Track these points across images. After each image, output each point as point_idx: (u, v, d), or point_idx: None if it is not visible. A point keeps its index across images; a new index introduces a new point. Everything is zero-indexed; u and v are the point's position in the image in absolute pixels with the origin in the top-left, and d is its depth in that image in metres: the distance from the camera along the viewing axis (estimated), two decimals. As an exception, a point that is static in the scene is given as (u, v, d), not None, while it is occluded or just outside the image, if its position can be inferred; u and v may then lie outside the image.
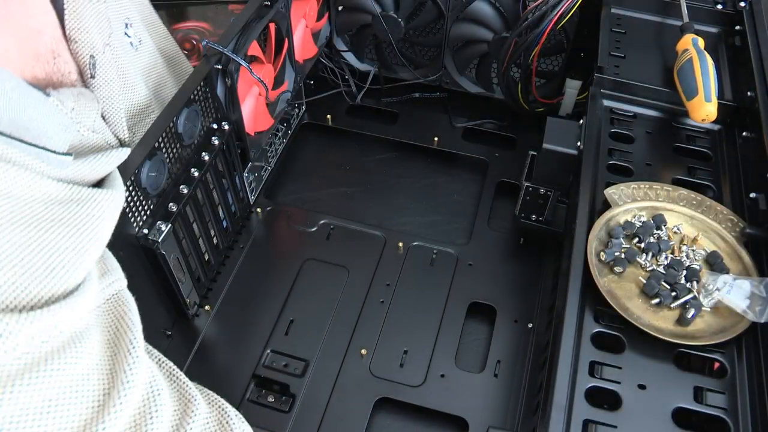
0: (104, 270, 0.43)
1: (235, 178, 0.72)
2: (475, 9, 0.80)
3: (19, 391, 0.34)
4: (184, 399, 0.45)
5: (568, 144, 0.65)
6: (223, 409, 0.48)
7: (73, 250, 0.39)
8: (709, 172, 0.65)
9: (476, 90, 0.91)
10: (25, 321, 0.34)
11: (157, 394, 0.42)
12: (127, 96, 0.56)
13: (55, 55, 0.47)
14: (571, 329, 0.51)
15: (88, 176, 0.44)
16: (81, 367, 0.38)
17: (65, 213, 0.40)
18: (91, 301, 0.39)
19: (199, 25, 1.07)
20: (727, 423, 0.48)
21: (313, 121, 0.92)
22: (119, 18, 0.58)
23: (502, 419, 0.62)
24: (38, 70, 0.45)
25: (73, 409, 0.37)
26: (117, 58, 0.54)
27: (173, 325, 0.67)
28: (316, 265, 0.74)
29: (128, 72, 0.56)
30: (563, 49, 0.83)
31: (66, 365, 0.37)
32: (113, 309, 0.43)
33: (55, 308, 0.36)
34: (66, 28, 0.48)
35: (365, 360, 0.66)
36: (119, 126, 0.53)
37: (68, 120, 0.45)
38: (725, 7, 0.77)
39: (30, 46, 0.44)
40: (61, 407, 0.36)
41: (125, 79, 0.56)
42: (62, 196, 0.40)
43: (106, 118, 0.52)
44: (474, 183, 0.85)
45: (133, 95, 0.57)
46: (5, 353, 0.33)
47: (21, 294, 0.35)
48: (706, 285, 0.54)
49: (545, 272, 0.73)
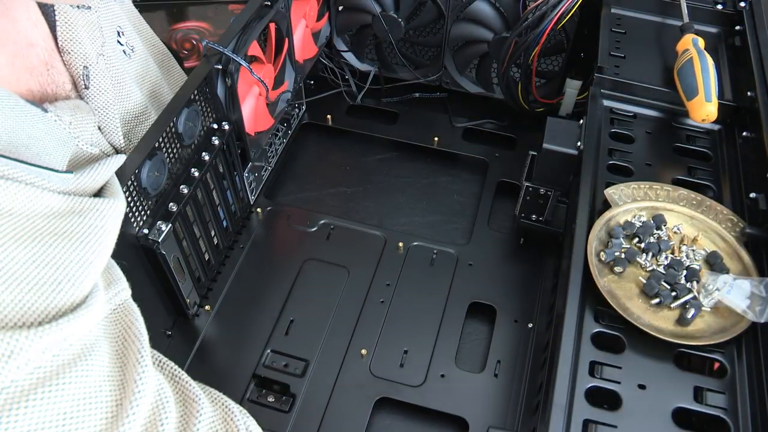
0: (110, 280, 0.43)
1: (235, 178, 0.72)
2: (475, 9, 0.80)
3: (34, 406, 0.34)
4: (189, 400, 0.45)
5: (568, 144, 0.65)
6: (226, 407, 0.48)
7: (78, 262, 0.39)
8: (709, 172, 0.65)
9: (476, 90, 0.91)
10: (34, 336, 0.34)
11: (165, 401, 0.43)
12: (122, 104, 0.56)
13: (49, 67, 0.47)
14: (571, 329, 0.51)
15: (89, 187, 0.44)
16: (93, 379, 0.38)
17: (68, 226, 0.40)
18: (99, 313, 0.39)
19: (199, 25, 1.07)
20: (727, 423, 0.48)
21: (313, 121, 0.92)
22: (111, 26, 0.58)
23: (502, 419, 0.62)
24: (32, 83, 0.45)
25: (88, 420, 0.37)
26: (111, 67, 0.54)
27: (173, 325, 0.67)
28: (316, 265, 0.74)
29: (123, 80, 0.57)
30: (563, 49, 0.83)
31: (78, 378, 0.37)
32: (120, 319, 0.43)
33: (64, 322, 0.36)
34: (58, 39, 0.48)
35: (365, 360, 0.66)
36: (115, 135, 0.53)
37: (67, 135, 0.46)
38: (725, 7, 0.77)
39: (22, 60, 0.44)
40: (76, 419, 0.36)
41: (120, 87, 0.56)
42: (64, 209, 0.40)
43: (102, 128, 0.52)
44: (474, 183, 0.85)
45: (128, 102, 0.57)
46: (17, 369, 0.33)
47: (29, 310, 0.35)
48: (706, 285, 0.54)
49: (545, 272, 0.73)
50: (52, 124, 0.44)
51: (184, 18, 1.08)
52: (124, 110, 0.56)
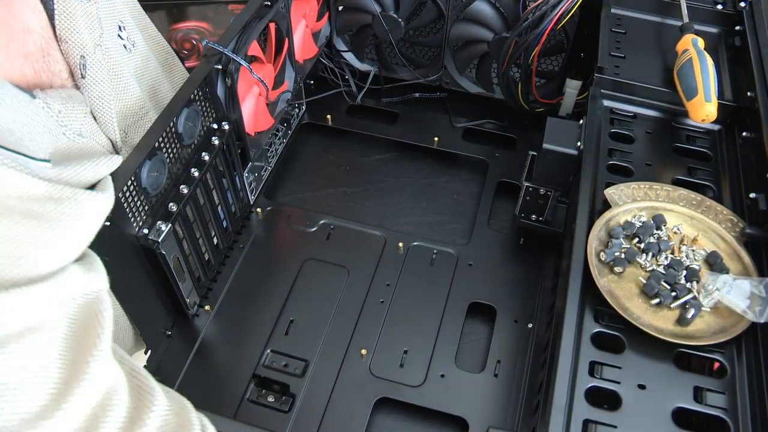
0: (87, 269, 0.44)
1: (235, 178, 0.72)
2: (475, 9, 0.80)
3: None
4: (144, 392, 0.45)
5: (568, 144, 0.65)
6: (183, 404, 0.47)
7: (42, 244, 0.39)
8: (709, 172, 0.65)
9: (476, 90, 0.91)
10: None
11: (119, 390, 0.43)
12: (121, 98, 0.57)
13: (45, 54, 0.47)
14: (571, 329, 0.51)
15: (73, 179, 0.45)
16: (41, 354, 0.39)
17: (41, 209, 0.41)
18: (53, 295, 0.40)
19: (199, 25, 1.07)
20: (727, 423, 0.48)
21: (313, 121, 0.92)
22: (113, 20, 0.58)
23: (502, 419, 0.62)
24: (27, 68, 0.46)
25: (29, 393, 0.37)
26: (110, 60, 0.55)
27: (173, 325, 0.67)
28: (316, 265, 0.74)
29: (122, 74, 0.57)
30: (563, 49, 0.83)
31: (24, 350, 0.37)
32: (88, 305, 0.43)
33: (14, 292, 0.36)
34: (56, 28, 0.48)
35: (365, 360, 0.66)
36: (110, 127, 0.53)
37: (54, 123, 0.46)
38: (725, 7, 0.77)
39: (17, 45, 0.45)
40: (16, 390, 0.37)
41: (119, 80, 0.56)
42: (41, 194, 0.41)
43: (97, 118, 0.52)
44: (474, 183, 0.85)
45: (127, 97, 0.58)
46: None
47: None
48: (706, 285, 0.54)
49: (545, 272, 0.73)
50: (38, 111, 0.44)
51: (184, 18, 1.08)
52: (121, 103, 0.57)
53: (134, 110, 0.59)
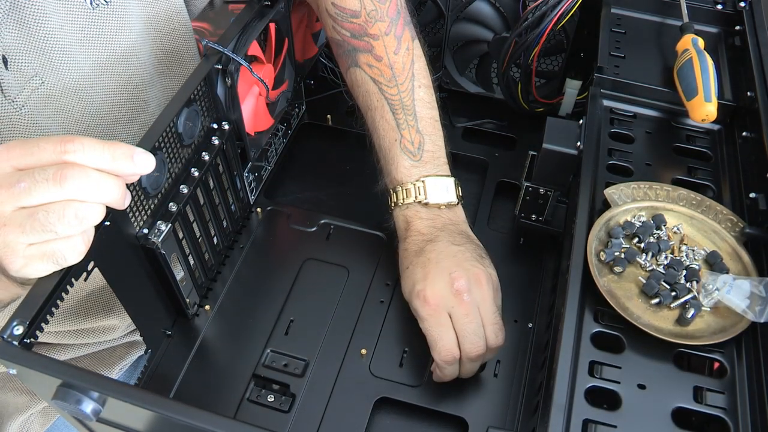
0: None
1: (235, 178, 0.72)
2: (475, 9, 0.80)
3: None
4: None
5: (568, 144, 0.65)
6: None
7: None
8: (709, 172, 0.65)
9: (476, 90, 0.91)
10: None
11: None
12: (36, 43, 0.52)
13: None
14: (571, 329, 0.51)
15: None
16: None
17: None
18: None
19: (199, 25, 1.08)
20: (727, 423, 0.48)
21: (313, 121, 0.92)
22: None
23: (502, 419, 0.62)
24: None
25: None
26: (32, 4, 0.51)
27: (173, 325, 0.67)
28: (316, 265, 0.74)
29: (46, 22, 0.52)
30: (563, 49, 0.83)
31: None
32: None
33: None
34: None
35: (365, 360, 0.66)
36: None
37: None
38: (725, 7, 0.77)
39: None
40: None
41: (38, 26, 0.52)
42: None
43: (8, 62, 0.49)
44: (474, 183, 0.85)
45: (46, 45, 0.53)
46: None
47: None
48: (706, 285, 0.54)
49: (545, 272, 0.73)
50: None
51: (184, 18, 1.08)
52: (37, 48, 0.53)
53: (69, 66, 0.54)
